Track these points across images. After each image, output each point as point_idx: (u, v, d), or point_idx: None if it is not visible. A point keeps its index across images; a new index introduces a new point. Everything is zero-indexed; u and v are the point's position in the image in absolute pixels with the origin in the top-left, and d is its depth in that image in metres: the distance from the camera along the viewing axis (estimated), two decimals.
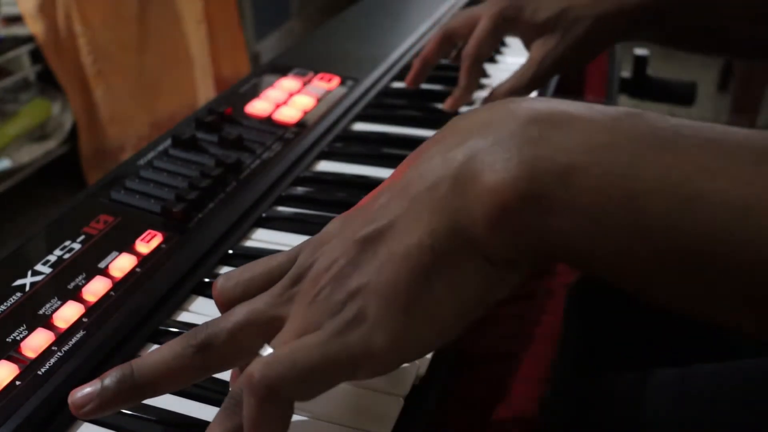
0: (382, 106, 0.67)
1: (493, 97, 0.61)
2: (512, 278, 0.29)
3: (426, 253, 0.28)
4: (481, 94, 0.65)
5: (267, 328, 0.30)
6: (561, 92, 0.71)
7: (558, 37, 0.58)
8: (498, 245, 0.28)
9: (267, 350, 0.29)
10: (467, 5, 0.92)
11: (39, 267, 0.43)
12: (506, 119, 0.28)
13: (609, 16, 0.58)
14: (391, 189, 0.30)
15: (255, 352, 0.30)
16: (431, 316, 0.28)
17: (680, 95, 0.87)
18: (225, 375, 0.35)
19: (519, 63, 0.65)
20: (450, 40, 0.64)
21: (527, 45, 0.61)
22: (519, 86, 0.60)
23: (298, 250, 0.33)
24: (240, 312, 0.31)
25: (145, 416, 0.35)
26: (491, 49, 0.62)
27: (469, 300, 0.29)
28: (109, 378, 0.31)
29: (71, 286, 0.42)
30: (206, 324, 0.31)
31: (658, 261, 0.26)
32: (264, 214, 0.50)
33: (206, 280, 0.44)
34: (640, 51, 0.85)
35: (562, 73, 0.63)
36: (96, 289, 0.42)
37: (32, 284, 0.42)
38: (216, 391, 0.36)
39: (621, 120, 0.27)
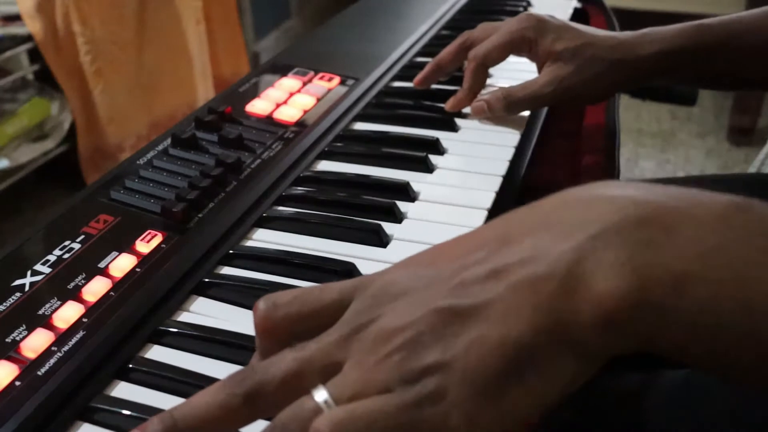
0: (382, 106, 0.67)
1: (488, 103, 0.61)
2: (597, 368, 0.29)
3: (524, 348, 0.27)
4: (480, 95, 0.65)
5: (321, 372, 0.29)
6: None
7: (570, 69, 0.58)
8: (601, 347, 0.27)
9: (321, 392, 0.28)
10: (467, 5, 0.92)
11: (38, 267, 0.43)
12: (611, 215, 0.27)
13: (625, 64, 0.58)
14: (482, 265, 0.29)
15: (307, 392, 0.29)
16: (514, 405, 0.27)
17: (681, 95, 0.87)
18: None
19: (520, 62, 0.65)
20: (469, 48, 0.64)
21: (539, 68, 0.61)
22: (512, 99, 0.60)
23: (352, 291, 0.31)
24: (291, 360, 0.30)
25: (147, 418, 0.35)
26: (500, 59, 0.62)
27: (555, 392, 0.28)
28: (152, 429, 0.29)
29: (71, 286, 0.42)
30: (251, 369, 0.30)
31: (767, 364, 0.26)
32: (264, 214, 0.50)
33: (206, 280, 0.44)
34: None
35: (559, 105, 0.63)
36: (96, 289, 0.42)
37: (32, 284, 0.42)
38: None
39: (730, 219, 0.27)
